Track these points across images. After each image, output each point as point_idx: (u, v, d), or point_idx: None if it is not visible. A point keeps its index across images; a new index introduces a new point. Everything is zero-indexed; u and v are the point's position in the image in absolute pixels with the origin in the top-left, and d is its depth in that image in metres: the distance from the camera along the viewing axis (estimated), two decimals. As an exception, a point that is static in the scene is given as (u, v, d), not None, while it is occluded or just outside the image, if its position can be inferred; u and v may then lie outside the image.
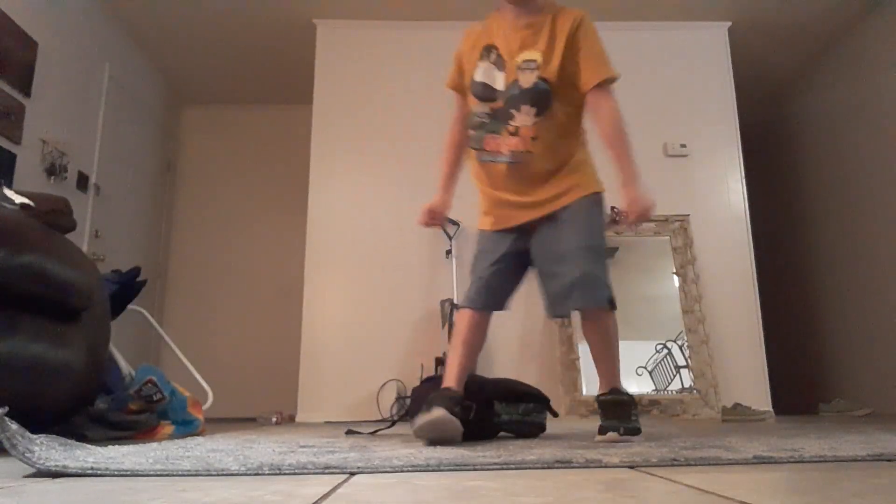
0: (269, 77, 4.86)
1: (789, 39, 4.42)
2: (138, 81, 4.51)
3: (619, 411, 1.51)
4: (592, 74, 1.54)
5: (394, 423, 1.91)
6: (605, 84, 1.55)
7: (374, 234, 3.89)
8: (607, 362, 1.59)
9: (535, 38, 1.57)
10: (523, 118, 1.55)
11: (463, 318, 1.65)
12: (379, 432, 1.81)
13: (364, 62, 4.15)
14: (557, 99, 1.55)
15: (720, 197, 4.01)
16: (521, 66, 1.55)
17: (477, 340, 1.66)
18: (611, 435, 1.44)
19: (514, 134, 1.56)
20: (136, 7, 4.04)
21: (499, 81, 1.59)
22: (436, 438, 1.38)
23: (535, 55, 1.55)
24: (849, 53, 4.36)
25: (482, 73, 1.62)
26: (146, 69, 4.62)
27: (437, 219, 1.72)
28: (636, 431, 1.49)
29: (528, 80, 1.54)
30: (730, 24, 4.22)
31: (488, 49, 1.62)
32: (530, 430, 1.78)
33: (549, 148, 1.56)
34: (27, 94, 3.21)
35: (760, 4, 4.05)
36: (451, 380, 1.57)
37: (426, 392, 1.79)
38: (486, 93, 1.61)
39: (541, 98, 1.54)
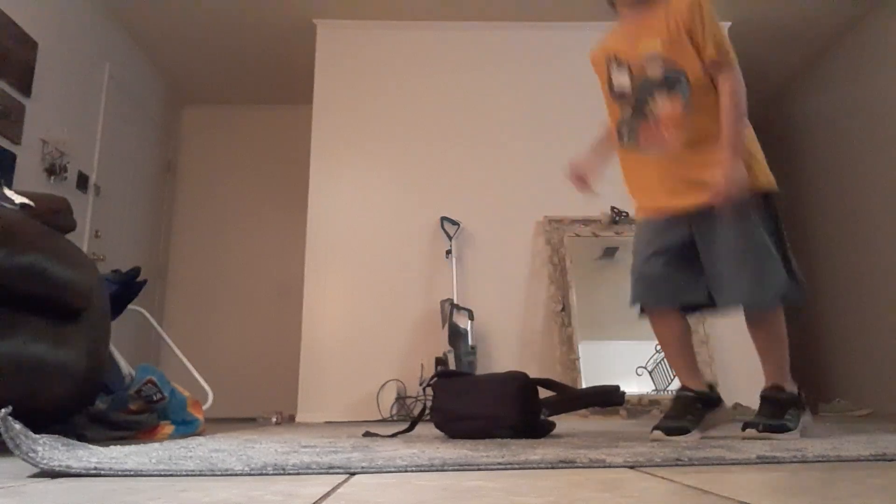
0: (269, 77, 4.86)
1: (789, 39, 4.42)
2: (138, 81, 4.51)
3: (771, 408, 1.51)
4: (712, 48, 1.56)
5: (414, 424, 1.90)
6: (724, 63, 1.57)
7: (375, 234, 3.90)
8: (770, 358, 1.62)
9: (650, 30, 1.60)
10: (659, 105, 1.58)
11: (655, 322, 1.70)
12: (399, 434, 1.79)
13: (364, 62, 4.15)
14: (691, 82, 1.56)
15: (720, 197, 4.01)
16: (645, 59, 1.60)
17: (676, 333, 1.69)
18: (749, 431, 1.46)
19: (657, 124, 1.59)
20: (136, 7, 4.04)
21: (624, 81, 1.64)
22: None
23: (653, 44, 1.58)
24: (849, 53, 4.36)
25: (616, 80, 1.67)
26: (146, 69, 4.62)
27: (583, 177, 1.80)
28: (780, 428, 1.45)
29: (654, 69, 1.59)
30: (730, 24, 4.22)
31: (611, 55, 1.68)
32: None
33: (690, 128, 1.57)
34: (27, 94, 3.21)
35: (760, 4, 4.05)
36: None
37: (449, 387, 1.78)
38: (620, 96, 1.66)
39: (672, 83, 1.57)
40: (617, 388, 1.75)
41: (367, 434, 1.71)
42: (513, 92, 4.11)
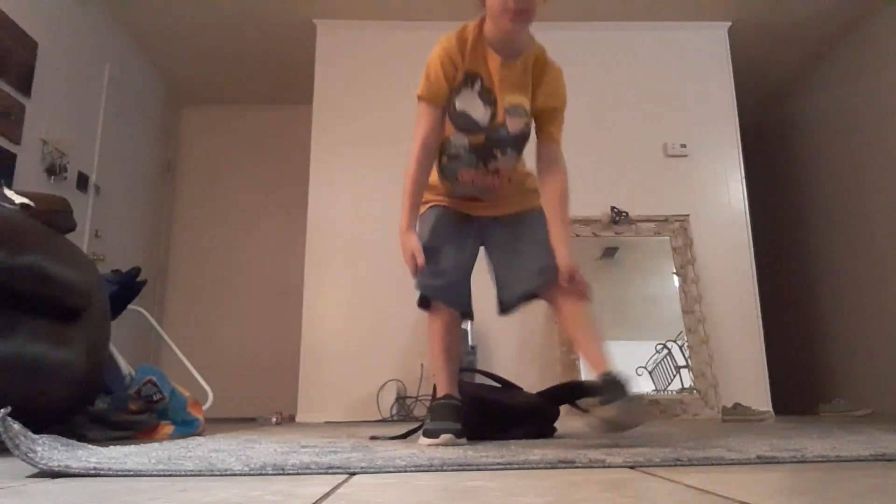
0: (269, 77, 4.86)
1: (789, 39, 4.42)
2: (138, 82, 4.51)
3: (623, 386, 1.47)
4: (559, 131, 1.58)
5: (422, 425, 1.90)
6: (559, 148, 1.59)
7: (375, 234, 3.89)
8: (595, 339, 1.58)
9: (523, 80, 1.52)
10: (506, 161, 1.56)
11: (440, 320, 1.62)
12: (409, 437, 1.79)
13: (364, 62, 4.15)
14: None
15: (720, 197, 4.01)
16: (510, 111, 1.50)
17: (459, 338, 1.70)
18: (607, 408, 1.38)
19: (495, 174, 1.57)
20: (136, 7, 4.04)
21: (481, 115, 1.51)
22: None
23: (523, 101, 1.52)
24: (849, 53, 4.36)
25: (463, 101, 1.52)
26: (146, 69, 4.62)
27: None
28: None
29: (516, 125, 1.52)
30: (730, 24, 4.22)
31: (472, 77, 1.51)
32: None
33: (515, 181, 1.63)
34: (27, 94, 3.21)
35: (760, 4, 4.05)
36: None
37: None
38: (467, 124, 1.53)
39: (523, 142, 1.57)
40: (546, 410, 1.76)
41: (373, 438, 1.70)
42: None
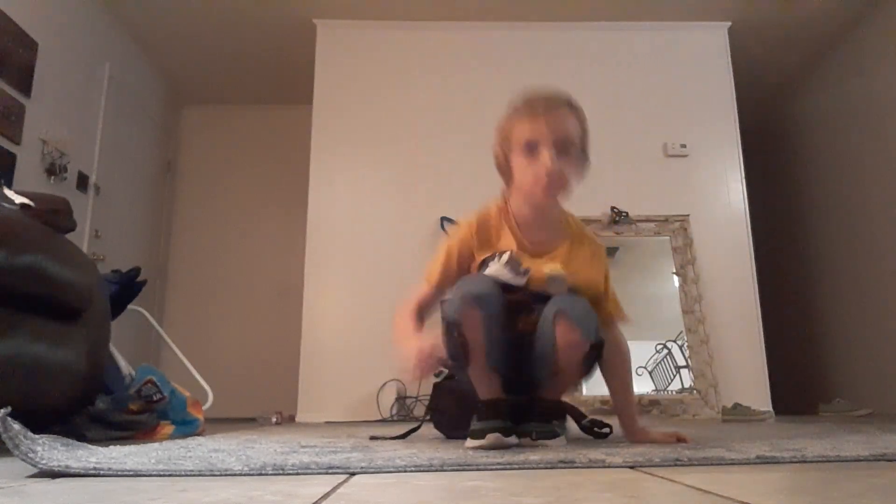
0: (269, 77, 4.86)
1: (789, 39, 4.42)
2: (138, 81, 4.51)
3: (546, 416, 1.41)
4: (616, 307, 1.53)
5: (420, 424, 1.90)
6: (621, 318, 1.54)
7: (375, 234, 3.90)
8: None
9: (556, 252, 1.47)
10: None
11: None
12: (409, 436, 1.79)
13: (364, 62, 4.15)
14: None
15: (720, 197, 4.01)
16: (552, 279, 1.43)
17: None
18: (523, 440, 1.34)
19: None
20: (136, 7, 4.04)
21: (513, 279, 1.41)
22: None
23: (557, 266, 1.44)
24: (849, 53, 4.36)
25: (493, 270, 1.43)
26: (146, 69, 4.62)
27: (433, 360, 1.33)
28: (551, 435, 1.36)
29: (557, 288, 1.43)
30: (730, 24, 4.22)
31: (500, 254, 1.45)
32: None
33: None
34: (27, 94, 3.21)
35: (760, 4, 4.05)
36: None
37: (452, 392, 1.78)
38: (504, 286, 1.41)
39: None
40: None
41: (373, 438, 1.70)
42: (513, 92, 4.10)
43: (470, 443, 1.27)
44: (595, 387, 3.21)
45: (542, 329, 1.39)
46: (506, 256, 1.42)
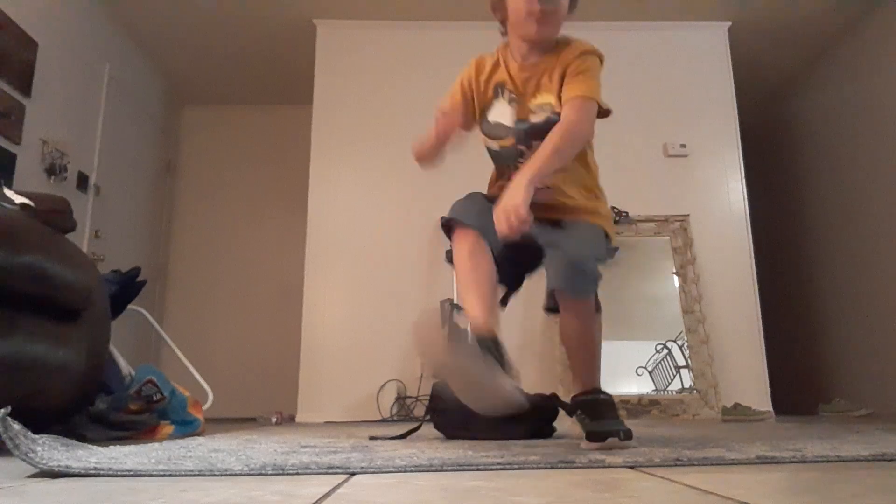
0: (269, 77, 4.86)
1: (789, 39, 4.42)
2: (138, 81, 4.51)
3: (611, 411, 1.36)
4: (575, 88, 1.39)
5: (420, 424, 1.90)
6: (584, 100, 1.39)
7: (375, 234, 3.90)
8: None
9: (549, 78, 1.45)
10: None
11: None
12: (409, 435, 1.79)
13: (364, 62, 4.15)
14: None
15: (720, 197, 4.01)
16: (535, 110, 1.45)
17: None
18: (610, 441, 1.25)
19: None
20: (136, 7, 4.04)
21: (509, 119, 1.48)
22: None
23: (549, 98, 1.43)
24: (849, 53, 4.36)
25: (496, 112, 1.51)
26: (146, 69, 4.62)
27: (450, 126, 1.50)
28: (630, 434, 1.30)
29: (539, 117, 1.45)
30: (730, 24, 4.22)
31: (501, 87, 1.50)
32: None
33: (568, 178, 1.46)
34: (27, 94, 3.21)
35: (760, 4, 4.05)
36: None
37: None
38: (497, 131, 1.51)
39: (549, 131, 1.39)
40: (545, 408, 1.73)
41: (373, 438, 1.70)
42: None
43: (588, 444, 1.27)
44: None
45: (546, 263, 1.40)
46: (507, 93, 1.48)
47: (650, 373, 3.61)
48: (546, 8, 1.39)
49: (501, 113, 1.50)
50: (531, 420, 1.73)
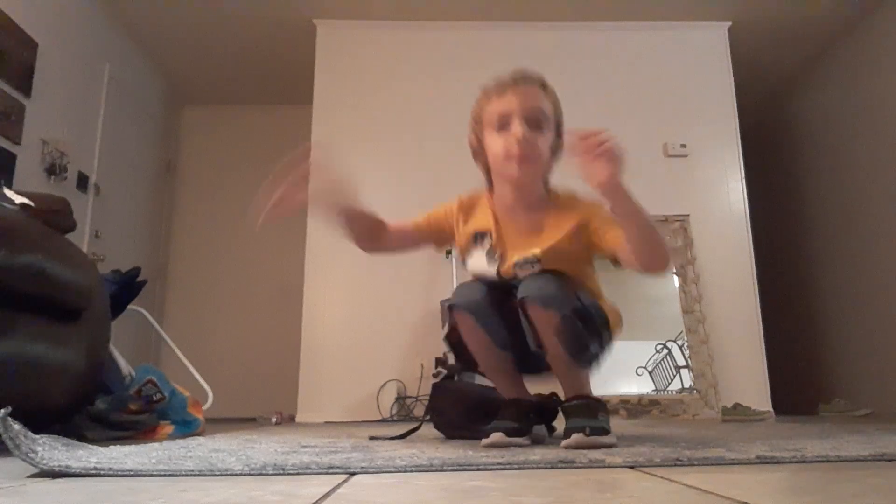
0: (269, 77, 4.86)
1: (789, 39, 4.42)
2: (138, 81, 4.51)
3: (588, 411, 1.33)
4: (612, 235, 1.37)
5: (420, 424, 1.90)
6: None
7: (374, 234, 3.89)
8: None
9: (538, 233, 1.40)
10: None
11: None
12: (409, 435, 1.79)
13: (364, 62, 4.15)
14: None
15: (720, 197, 4.02)
16: (521, 264, 1.40)
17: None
18: (576, 437, 1.23)
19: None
20: (136, 7, 4.04)
21: (489, 272, 1.45)
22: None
23: (535, 251, 1.39)
24: (849, 53, 4.36)
25: (476, 261, 1.48)
26: (146, 69, 4.62)
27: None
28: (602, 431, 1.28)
29: (525, 271, 1.41)
30: (730, 24, 4.22)
31: (481, 235, 1.47)
32: None
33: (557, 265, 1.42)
34: (27, 94, 3.21)
35: (760, 4, 4.05)
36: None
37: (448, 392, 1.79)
38: (480, 275, 1.49)
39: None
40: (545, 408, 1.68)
41: (373, 438, 1.70)
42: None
43: (483, 441, 1.32)
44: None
45: (521, 317, 1.38)
46: (486, 242, 1.46)
47: (650, 373, 3.61)
48: (525, 151, 1.35)
49: (481, 264, 1.46)
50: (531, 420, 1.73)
